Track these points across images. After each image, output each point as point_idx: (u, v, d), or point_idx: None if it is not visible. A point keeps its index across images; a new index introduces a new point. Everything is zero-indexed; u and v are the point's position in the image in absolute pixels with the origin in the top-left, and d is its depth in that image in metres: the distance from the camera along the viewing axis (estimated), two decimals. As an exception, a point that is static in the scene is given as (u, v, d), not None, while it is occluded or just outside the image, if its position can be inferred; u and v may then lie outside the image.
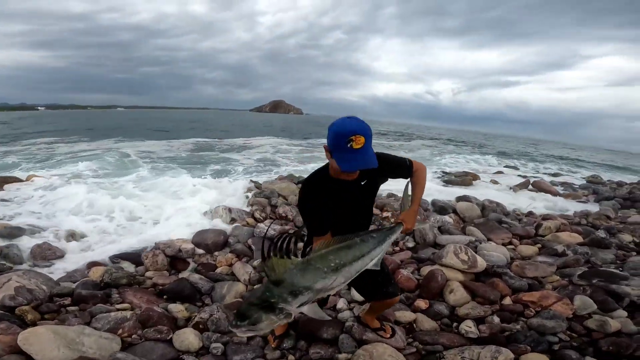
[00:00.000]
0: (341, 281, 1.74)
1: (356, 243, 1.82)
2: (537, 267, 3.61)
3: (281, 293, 1.57)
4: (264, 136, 24.83)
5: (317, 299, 1.70)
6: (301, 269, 1.62)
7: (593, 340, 2.61)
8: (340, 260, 1.72)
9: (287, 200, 5.97)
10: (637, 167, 28.31)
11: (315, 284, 1.63)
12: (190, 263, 4.03)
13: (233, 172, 10.47)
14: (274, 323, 1.58)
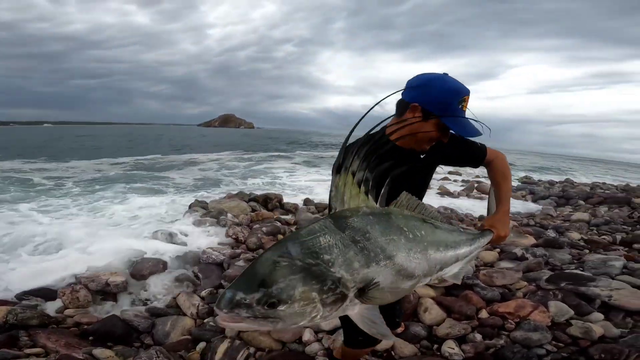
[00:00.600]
0: (423, 267, 1.17)
1: (441, 226, 1.34)
2: (505, 275, 3.50)
3: (346, 245, 0.97)
4: (212, 152, 23.87)
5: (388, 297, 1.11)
6: (380, 219, 1.08)
7: (582, 349, 2.49)
8: (427, 236, 1.22)
9: (238, 220, 5.53)
10: (561, 167, 30.89)
11: (397, 252, 1.07)
12: (121, 297, 3.45)
13: (175, 192, 9.76)
14: (310, 310, 0.92)
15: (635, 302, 2.91)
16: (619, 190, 12.83)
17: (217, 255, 4.15)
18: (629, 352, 2.34)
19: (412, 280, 1.14)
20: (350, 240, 0.98)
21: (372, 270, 0.99)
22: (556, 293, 3.12)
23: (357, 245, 0.99)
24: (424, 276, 1.20)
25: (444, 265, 1.31)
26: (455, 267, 1.41)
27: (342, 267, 0.94)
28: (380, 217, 1.10)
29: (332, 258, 0.94)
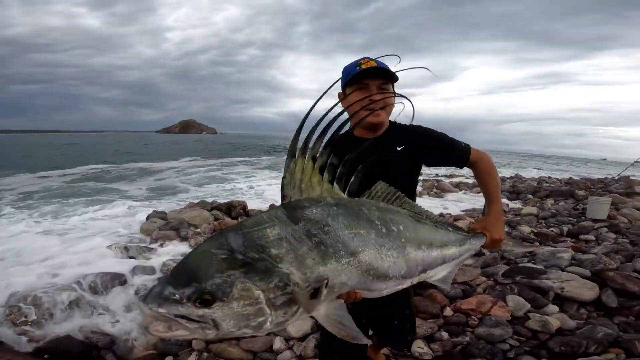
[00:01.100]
0: (399, 267, 1.06)
1: (426, 222, 1.24)
2: (465, 271, 3.65)
3: (298, 239, 0.85)
4: (171, 159, 23.05)
5: (347, 296, 0.98)
6: (346, 210, 0.97)
7: (542, 342, 2.62)
8: (406, 232, 1.10)
9: (201, 230, 5.40)
10: (510, 163, 32.57)
11: (364, 248, 0.95)
12: (76, 313, 3.23)
13: (131, 203, 9.33)
14: (255, 312, 0.79)
15: (586, 293, 3.11)
16: (563, 183, 13.74)
17: None
18: (587, 344, 2.48)
19: (386, 282, 1.04)
20: (303, 234, 0.86)
21: (330, 268, 0.88)
22: (512, 287, 3.29)
23: (311, 240, 0.87)
24: (402, 277, 1.09)
25: (428, 266, 1.21)
26: (443, 270, 1.32)
27: (293, 263, 0.82)
28: (347, 208, 0.98)
29: (281, 253, 0.82)
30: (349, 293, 0.97)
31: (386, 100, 1.48)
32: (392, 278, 1.05)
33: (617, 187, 10.98)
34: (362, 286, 0.99)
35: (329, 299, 0.93)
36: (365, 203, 1.06)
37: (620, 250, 4.35)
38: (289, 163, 0.95)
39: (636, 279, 3.21)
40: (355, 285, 0.96)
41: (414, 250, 1.13)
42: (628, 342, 2.52)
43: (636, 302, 3.04)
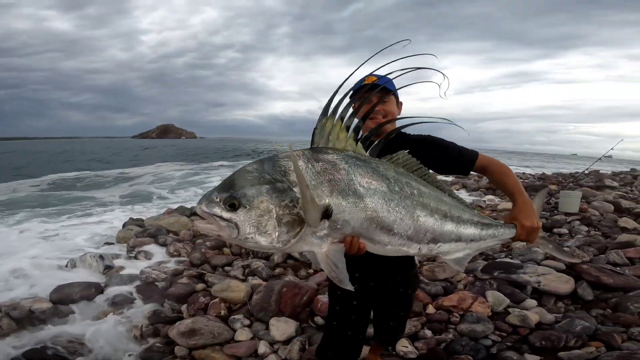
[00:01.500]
0: (405, 225, 1.11)
1: (446, 196, 1.27)
2: (445, 268, 3.69)
3: (311, 175, 0.99)
4: (147, 165, 22.52)
5: (351, 244, 1.06)
6: (363, 163, 1.07)
7: (523, 337, 2.67)
8: (420, 196, 1.15)
9: (179, 236, 5.29)
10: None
11: (372, 196, 1.04)
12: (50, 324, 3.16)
13: (107, 211, 9.07)
14: (253, 224, 0.95)
15: (562, 287, 3.19)
16: (537, 178, 14.14)
17: (157, 274, 3.98)
18: (567, 338, 2.54)
19: (390, 236, 1.10)
20: (321, 170, 1.01)
21: (335, 201, 1.00)
22: (491, 283, 3.35)
23: (326, 176, 1.00)
24: (407, 238, 1.13)
25: (439, 237, 1.22)
26: (459, 251, 1.32)
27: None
28: (366, 162, 1.08)
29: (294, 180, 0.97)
30: (353, 241, 1.06)
31: (386, 109, 1.59)
32: (396, 234, 1.11)
33: (588, 180, 11.38)
34: (365, 232, 1.06)
35: (332, 237, 1.04)
36: (384, 163, 1.15)
37: (593, 243, 4.49)
38: (321, 119, 1.08)
39: (610, 271, 3.31)
40: (358, 227, 1.04)
41: (424, 215, 1.16)
42: (607, 335, 2.58)
43: (611, 295, 3.14)
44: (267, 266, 4.13)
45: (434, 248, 1.24)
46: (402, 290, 1.85)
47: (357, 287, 1.74)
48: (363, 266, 1.74)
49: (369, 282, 1.77)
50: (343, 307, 1.80)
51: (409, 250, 1.18)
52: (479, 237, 1.35)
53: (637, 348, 2.45)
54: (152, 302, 3.49)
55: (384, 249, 1.14)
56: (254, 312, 3.10)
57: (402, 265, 1.79)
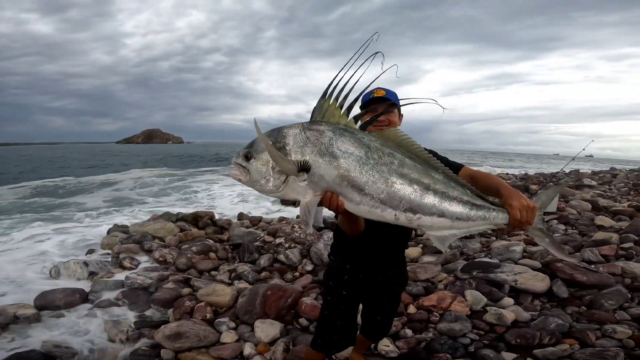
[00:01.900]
0: (377, 189, 1.25)
1: (434, 172, 1.33)
2: (426, 269, 3.79)
3: (302, 141, 1.24)
4: (132, 170, 22.19)
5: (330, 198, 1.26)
6: (345, 132, 1.26)
7: (499, 335, 2.76)
8: (400, 167, 1.27)
9: (165, 242, 5.29)
10: (472, 161, 33.78)
11: (346, 158, 1.23)
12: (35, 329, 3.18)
13: (90, 217, 8.95)
14: (259, 172, 1.27)
15: (538, 285, 3.30)
16: (519, 179, 14.43)
17: (142, 279, 3.99)
18: (541, 335, 2.63)
19: (361, 195, 1.25)
20: (310, 136, 1.24)
21: (313, 158, 1.23)
22: (471, 282, 3.45)
23: (312, 139, 1.24)
24: (380, 201, 1.25)
25: (417, 208, 1.29)
26: (444, 229, 1.36)
27: (293, 147, 1.24)
28: (352, 133, 1.27)
29: (290, 142, 1.24)
30: (331, 196, 1.25)
31: (390, 119, 1.78)
32: (367, 195, 1.25)
33: (568, 180, 11.68)
34: (338, 188, 1.25)
35: (313, 189, 1.26)
36: (371, 135, 1.29)
37: (569, 241, 4.64)
38: (320, 100, 1.29)
39: (584, 269, 3.43)
40: (332, 183, 1.24)
41: (400, 183, 1.27)
42: (581, 333, 2.68)
43: (586, 292, 3.25)
44: (254, 270, 4.17)
45: (412, 218, 1.30)
46: (390, 286, 1.97)
47: (347, 278, 1.89)
48: (353, 259, 1.89)
49: (359, 275, 1.90)
50: (333, 297, 1.94)
51: (384, 215, 1.28)
52: (466, 217, 1.36)
53: (611, 345, 2.53)
54: (138, 307, 3.53)
55: (357, 208, 1.28)
56: (239, 315, 3.15)
57: (391, 261, 1.92)
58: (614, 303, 3.06)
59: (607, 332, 2.70)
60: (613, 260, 3.94)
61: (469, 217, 1.37)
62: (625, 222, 5.77)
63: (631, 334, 2.65)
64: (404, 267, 2.05)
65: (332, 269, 2.01)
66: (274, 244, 4.66)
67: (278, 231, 5.02)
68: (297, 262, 4.32)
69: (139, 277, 4.02)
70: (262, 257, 4.48)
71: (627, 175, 15.70)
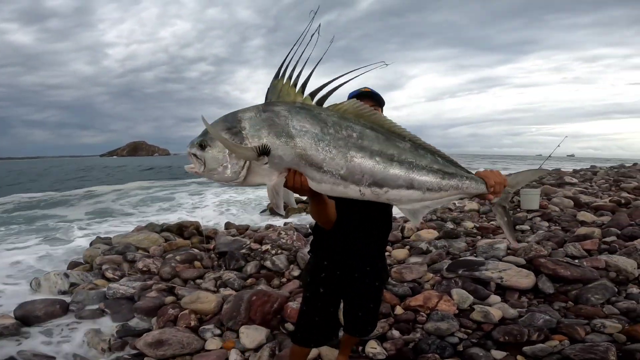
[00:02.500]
0: (336, 165, 1.21)
1: (399, 141, 1.27)
2: (412, 269, 3.78)
3: (257, 123, 1.21)
4: (117, 183, 21.79)
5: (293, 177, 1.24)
6: (300, 110, 1.22)
7: (487, 333, 2.74)
8: (359, 139, 1.22)
9: (149, 253, 5.20)
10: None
11: (302, 137, 1.19)
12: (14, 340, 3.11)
13: (71, 229, 8.71)
14: (215, 160, 1.23)
15: (523, 281, 3.31)
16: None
17: (125, 289, 3.93)
18: (529, 332, 2.62)
19: (321, 173, 1.21)
20: (265, 118, 1.21)
21: (271, 140, 1.20)
22: (457, 281, 3.44)
23: (267, 121, 1.21)
24: (341, 177, 1.21)
25: (382, 181, 1.23)
26: (415, 201, 1.30)
27: (249, 132, 1.20)
28: (308, 110, 1.23)
29: (246, 126, 1.21)
30: (294, 174, 1.23)
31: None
32: (327, 172, 1.22)
33: (550, 179, 11.85)
34: (298, 168, 1.22)
35: (275, 170, 1.24)
36: (328, 110, 1.26)
37: (552, 237, 4.69)
38: (273, 80, 1.26)
39: (566, 264, 3.45)
40: (290, 162, 1.21)
41: (360, 156, 1.22)
42: (569, 328, 2.67)
43: (571, 287, 3.28)
44: (239, 277, 4.11)
45: (380, 193, 1.25)
46: (369, 281, 1.93)
47: (324, 276, 1.84)
48: (331, 255, 1.86)
49: (336, 271, 1.87)
50: (311, 294, 1.92)
51: (347, 191, 1.25)
52: (437, 187, 1.30)
53: (600, 340, 2.52)
54: (121, 316, 3.49)
55: (320, 187, 1.25)
56: (224, 322, 3.10)
57: (370, 256, 1.89)
58: (600, 297, 3.07)
59: (596, 327, 2.68)
60: (596, 254, 3.98)
61: (440, 187, 1.31)
62: (607, 217, 5.87)
63: (621, 328, 2.64)
64: (383, 262, 2.02)
65: (310, 266, 1.99)
66: (261, 251, 4.61)
67: (264, 238, 4.97)
68: (283, 268, 4.28)
69: (121, 287, 3.95)
70: (248, 265, 4.43)
71: (607, 172, 16.03)
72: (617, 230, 4.74)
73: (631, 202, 6.80)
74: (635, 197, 7.71)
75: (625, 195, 7.61)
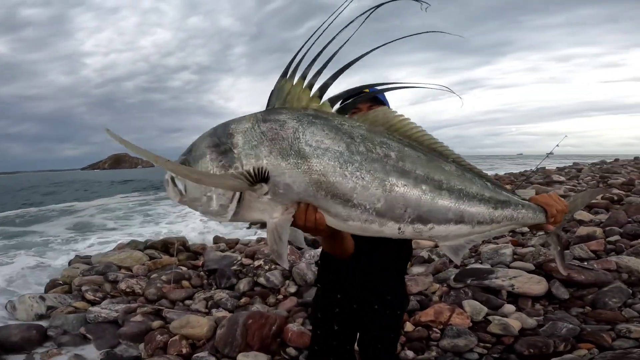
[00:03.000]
0: (371, 196, 0.91)
1: (444, 162, 1.01)
2: (417, 281, 3.57)
3: (253, 138, 0.90)
4: (98, 198, 21.11)
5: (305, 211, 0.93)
6: (322, 122, 0.92)
7: (508, 346, 2.56)
8: (400, 160, 0.94)
9: (132, 272, 4.87)
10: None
11: (320, 157, 0.88)
12: None
13: (48, 249, 8.26)
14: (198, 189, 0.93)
15: (536, 287, 3.14)
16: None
17: (107, 312, 3.68)
18: (555, 343, 2.45)
19: (348, 208, 0.91)
20: (267, 129, 0.91)
21: (273, 162, 0.89)
22: (466, 291, 3.25)
23: (269, 135, 0.90)
24: (377, 214, 0.93)
25: (429, 216, 0.98)
26: (459, 236, 1.07)
27: (243, 149, 0.90)
28: (326, 120, 0.93)
29: (240, 142, 0.91)
30: (307, 209, 0.92)
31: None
32: (358, 206, 0.92)
33: (537, 178, 11.92)
34: (314, 200, 0.91)
35: (279, 204, 0.92)
36: (353, 121, 0.96)
37: (556, 239, 4.56)
38: (280, 80, 0.96)
39: (579, 268, 3.30)
40: (303, 194, 0.90)
41: (403, 183, 0.93)
42: (595, 335, 2.53)
43: (586, 291, 3.13)
44: (232, 296, 3.85)
45: (423, 230, 0.99)
46: (390, 312, 1.62)
47: (338, 311, 1.56)
48: (345, 287, 1.57)
49: (353, 305, 1.57)
50: (324, 332, 1.62)
51: (383, 230, 0.96)
52: (489, 219, 1.07)
53: (630, 346, 2.39)
54: (105, 342, 3.27)
55: (346, 225, 0.95)
56: (219, 348, 2.83)
57: (391, 284, 1.59)
58: (617, 301, 2.94)
59: (621, 333, 2.56)
60: (603, 255, 3.87)
61: (492, 219, 1.08)
62: (603, 214, 5.82)
63: (647, 333, 2.50)
64: (404, 288, 1.72)
65: (320, 299, 1.67)
66: (253, 267, 4.33)
67: (256, 253, 4.71)
68: (279, 284, 4.01)
69: (103, 311, 3.69)
70: (240, 282, 4.15)
71: (590, 168, 16.35)
72: (618, 229, 4.64)
73: (623, 199, 6.78)
74: (626, 192, 7.74)
75: (617, 192, 7.62)
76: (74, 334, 3.41)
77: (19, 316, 3.83)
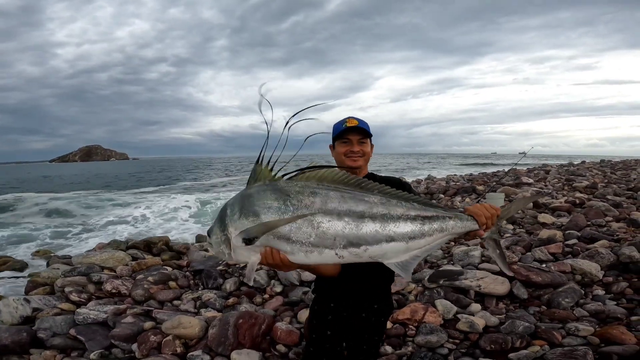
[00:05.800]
0: (305, 235, 1.24)
1: (368, 196, 1.29)
2: (395, 281, 3.79)
3: (234, 209, 1.32)
4: (72, 191, 20.50)
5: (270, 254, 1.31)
6: (271, 188, 1.32)
7: (474, 342, 2.84)
8: (323, 204, 1.26)
9: (117, 273, 4.93)
10: (420, 166, 35.13)
11: (266, 213, 1.27)
12: None
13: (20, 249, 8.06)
14: (217, 245, 1.37)
15: (500, 288, 3.46)
16: (466, 180, 15.17)
17: (96, 314, 3.68)
18: (512, 339, 2.73)
19: (292, 244, 1.26)
20: (240, 202, 1.32)
21: (242, 222, 1.28)
22: (439, 291, 3.54)
23: (240, 206, 1.31)
24: (312, 245, 1.25)
25: (359, 240, 1.25)
26: (401, 253, 1.27)
27: (231, 218, 1.31)
28: (274, 187, 1.31)
29: (228, 213, 1.33)
30: (271, 251, 1.29)
31: (364, 150, 1.78)
32: (297, 242, 1.26)
33: (508, 179, 12.45)
34: (271, 243, 1.28)
35: (254, 251, 1.31)
36: (292, 182, 1.33)
37: (519, 241, 4.92)
38: (255, 167, 1.37)
39: (537, 270, 3.64)
40: (263, 240, 1.27)
41: (327, 220, 1.25)
42: (547, 333, 2.81)
43: (543, 292, 3.45)
44: (220, 296, 4.00)
45: (359, 252, 1.27)
46: (375, 319, 1.89)
47: (330, 318, 1.82)
48: (336, 297, 1.82)
49: (343, 313, 1.83)
50: (318, 335, 1.88)
51: (323, 257, 1.27)
52: (420, 234, 1.28)
53: (577, 343, 2.67)
54: (96, 343, 3.29)
55: (294, 257, 1.29)
56: (212, 347, 3.00)
57: (378, 294, 1.85)
58: (570, 300, 3.26)
59: (571, 331, 2.84)
60: (561, 257, 4.21)
61: (423, 233, 1.29)
62: (564, 217, 6.23)
63: (593, 331, 2.80)
64: (390, 297, 1.98)
65: (315, 307, 1.92)
66: (239, 267, 4.50)
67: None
68: (264, 284, 4.20)
69: (91, 312, 3.69)
70: (227, 282, 4.30)
71: (558, 170, 17.08)
72: (577, 233, 5.02)
73: (585, 202, 7.22)
74: (588, 196, 8.22)
75: (579, 195, 8.11)
76: (64, 336, 3.39)
77: (3, 318, 3.75)
